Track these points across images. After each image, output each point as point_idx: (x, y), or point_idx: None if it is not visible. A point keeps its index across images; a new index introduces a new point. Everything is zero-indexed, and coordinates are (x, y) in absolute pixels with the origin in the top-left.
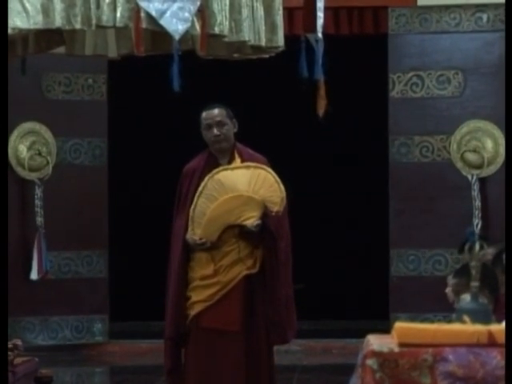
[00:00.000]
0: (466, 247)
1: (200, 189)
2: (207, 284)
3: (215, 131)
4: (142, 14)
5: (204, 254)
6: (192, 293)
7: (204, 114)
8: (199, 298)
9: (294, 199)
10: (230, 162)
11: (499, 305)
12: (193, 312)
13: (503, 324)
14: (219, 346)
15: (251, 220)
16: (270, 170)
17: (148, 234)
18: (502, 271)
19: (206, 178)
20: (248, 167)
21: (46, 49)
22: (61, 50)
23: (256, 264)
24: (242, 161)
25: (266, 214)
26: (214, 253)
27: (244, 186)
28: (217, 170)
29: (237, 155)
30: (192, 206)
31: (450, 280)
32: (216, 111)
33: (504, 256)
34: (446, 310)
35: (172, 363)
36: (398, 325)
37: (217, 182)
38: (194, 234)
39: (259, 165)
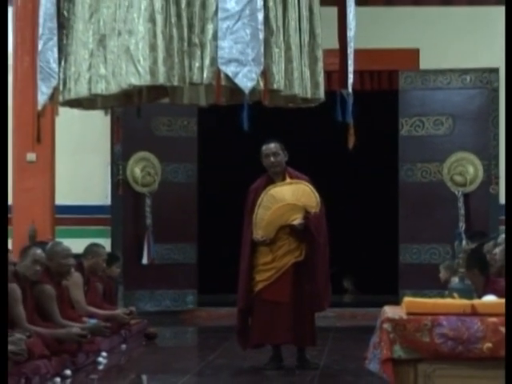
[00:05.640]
0: (456, 243)
1: (258, 202)
2: (267, 268)
3: (272, 159)
4: (222, 75)
5: (265, 247)
6: (256, 275)
7: (264, 147)
8: (261, 278)
9: (334, 208)
10: (282, 181)
11: (489, 282)
12: (257, 288)
13: (484, 298)
14: (275, 313)
15: (297, 220)
16: (306, 183)
17: (226, 232)
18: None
19: (263, 194)
20: (291, 183)
21: (154, 99)
22: (165, 100)
23: (302, 254)
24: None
25: (306, 215)
26: (272, 246)
27: (289, 196)
28: (269, 187)
29: (287, 176)
30: (254, 215)
31: (442, 269)
32: (272, 145)
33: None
34: (438, 288)
35: (241, 326)
36: (407, 299)
37: (270, 196)
38: (257, 234)
39: (298, 180)
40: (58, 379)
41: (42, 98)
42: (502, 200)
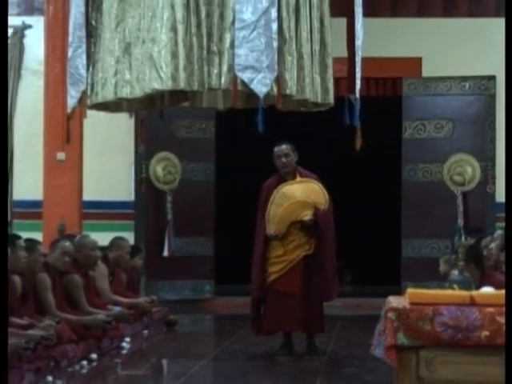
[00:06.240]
0: (456, 239)
1: (271, 199)
2: (279, 261)
3: (283, 160)
4: (238, 81)
5: (277, 242)
6: (269, 267)
7: (276, 149)
8: (274, 270)
9: (341, 206)
10: (293, 180)
11: (485, 275)
12: (269, 280)
13: (481, 290)
14: (286, 302)
15: (307, 216)
16: (316, 182)
17: (241, 226)
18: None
19: (275, 192)
20: (301, 182)
21: (176, 103)
22: (186, 104)
23: (311, 248)
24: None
25: (316, 212)
26: (283, 240)
27: (300, 194)
28: (280, 186)
29: (298, 175)
30: (267, 211)
31: (441, 262)
32: (284, 146)
33: (479, 244)
34: (438, 280)
35: (254, 315)
36: (410, 290)
37: (281, 193)
38: (270, 229)
39: (308, 179)
40: (84, 362)
41: (71, 102)
42: (498, 198)
